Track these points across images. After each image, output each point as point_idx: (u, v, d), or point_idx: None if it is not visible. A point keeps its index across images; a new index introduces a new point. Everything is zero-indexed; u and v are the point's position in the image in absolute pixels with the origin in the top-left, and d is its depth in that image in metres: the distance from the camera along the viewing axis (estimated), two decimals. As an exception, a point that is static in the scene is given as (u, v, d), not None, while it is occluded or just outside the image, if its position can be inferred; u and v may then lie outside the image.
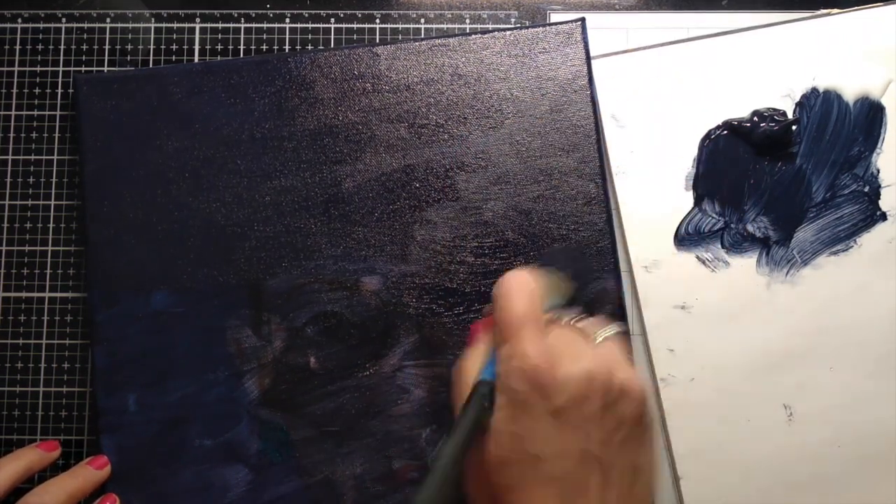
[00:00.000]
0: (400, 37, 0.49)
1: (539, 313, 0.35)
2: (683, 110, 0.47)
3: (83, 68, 0.49)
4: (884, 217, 0.46)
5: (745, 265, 0.46)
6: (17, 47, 0.50)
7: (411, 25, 0.49)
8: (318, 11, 0.50)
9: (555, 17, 0.49)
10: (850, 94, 0.47)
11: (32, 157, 0.49)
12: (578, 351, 0.34)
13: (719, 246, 0.46)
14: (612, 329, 0.37)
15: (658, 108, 0.47)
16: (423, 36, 0.49)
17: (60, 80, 0.49)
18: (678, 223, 0.47)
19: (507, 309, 0.35)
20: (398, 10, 0.50)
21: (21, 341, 0.48)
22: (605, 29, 0.48)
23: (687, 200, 0.47)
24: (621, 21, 0.49)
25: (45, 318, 0.48)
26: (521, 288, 0.36)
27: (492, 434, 0.33)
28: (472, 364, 0.36)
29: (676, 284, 0.46)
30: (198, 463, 0.45)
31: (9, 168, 0.49)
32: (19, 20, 0.50)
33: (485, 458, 0.33)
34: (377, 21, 0.49)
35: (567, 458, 0.32)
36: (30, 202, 0.49)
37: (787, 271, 0.46)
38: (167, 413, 0.45)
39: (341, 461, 0.44)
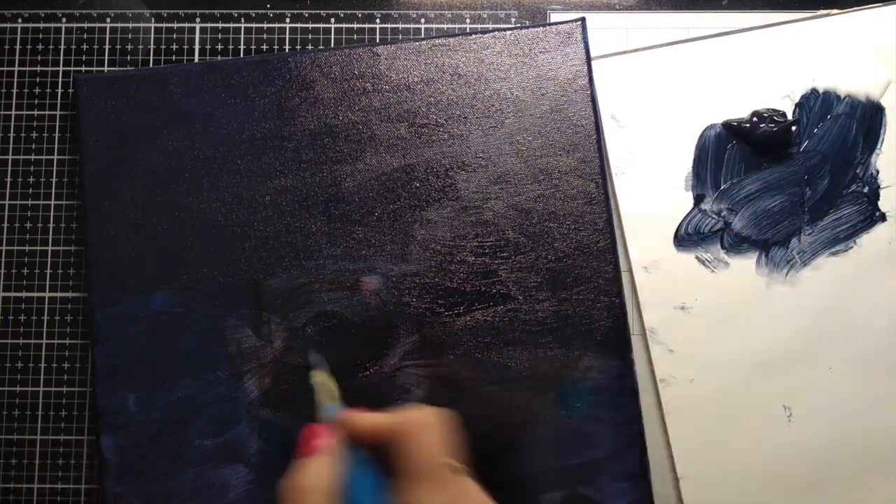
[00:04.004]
0: (400, 37, 0.49)
1: (445, 460, 0.34)
2: (683, 110, 0.47)
3: (83, 68, 0.49)
4: (883, 218, 0.46)
5: (744, 266, 0.46)
6: (17, 47, 0.50)
7: (411, 25, 0.50)
8: (318, 11, 0.50)
9: (555, 17, 0.49)
10: (849, 94, 0.47)
11: (32, 157, 0.49)
12: None
13: (719, 246, 0.46)
14: (459, 467, 0.36)
15: (658, 108, 0.47)
16: (423, 36, 0.49)
17: (60, 80, 0.49)
18: (678, 223, 0.47)
19: (420, 451, 0.33)
20: (398, 10, 0.50)
21: (21, 341, 0.48)
22: (605, 29, 0.48)
23: (687, 200, 0.47)
24: (621, 21, 0.49)
25: (45, 318, 0.48)
26: (311, 488, 0.32)
27: None
28: (314, 481, 0.32)
29: (676, 285, 0.46)
30: (198, 463, 0.44)
31: (9, 168, 0.49)
32: (19, 20, 0.50)
33: None
34: (377, 21, 0.50)
35: None
36: (30, 202, 0.49)
37: (787, 272, 0.46)
38: (167, 413, 0.45)
39: (341, 461, 0.44)
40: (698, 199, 0.47)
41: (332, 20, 0.49)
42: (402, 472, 0.33)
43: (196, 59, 0.49)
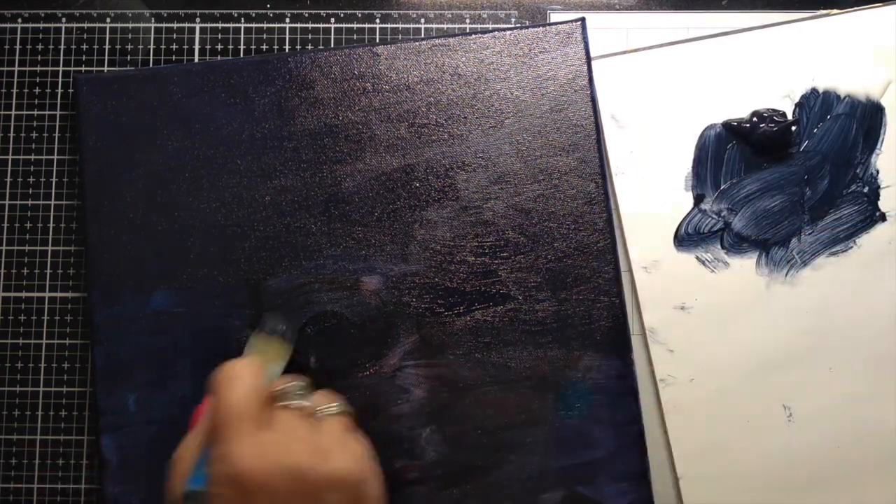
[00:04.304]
0: (400, 37, 0.49)
1: (255, 407, 0.35)
2: (683, 110, 0.47)
3: (83, 68, 0.49)
4: (883, 218, 0.46)
5: (744, 266, 0.46)
6: (17, 47, 0.50)
7: (411, 25, 0.50)
8: (318, 11, 0.50)
9: (555, 17, 0.49)
10: (849, 94, 0.47)
11: (32, 157, 0.49)
12: (288, 444, 0.35)
13: (719, 246, 0.46)
14: (334, 407, 0.38)
15: (658, 108, 0.47)
16: (423, 36, 0.49)
17: (60, 80, 0.49)
18: (678, 223, 0.47)
19: (220, 401, 0.35)
20: (398, 10, 0.50)
21: (21, 341, 0.48)
22: (605, 29, 0.48)
23: (687, 200, 0.47)
24: (621, 21, 0.49)
25: (45, 318, 0.48)
26: (237, 381, 0.36)
27: None
28: (187, 454, 0.36)
29: (676, 285, 0.46)
30: (198, 463, 0.45)
31: (9, 168, 0.49)
32: (19, 20, 0.50)
33: None
34: (377, 21, 0.50)
35: None
36: (30, 202, 0.49)
37: (787, 272, 0.46)
38: (167, 413, 0.45)
39: (341, 461, 0.44)
40: (698, 199, 0.47)
41: (332, 20, 0.49)
42: (212, 428, 0.35)
43: (196, 59, 0.49)
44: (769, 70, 0.47)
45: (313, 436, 0.36)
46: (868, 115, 0.47)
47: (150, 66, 0.49)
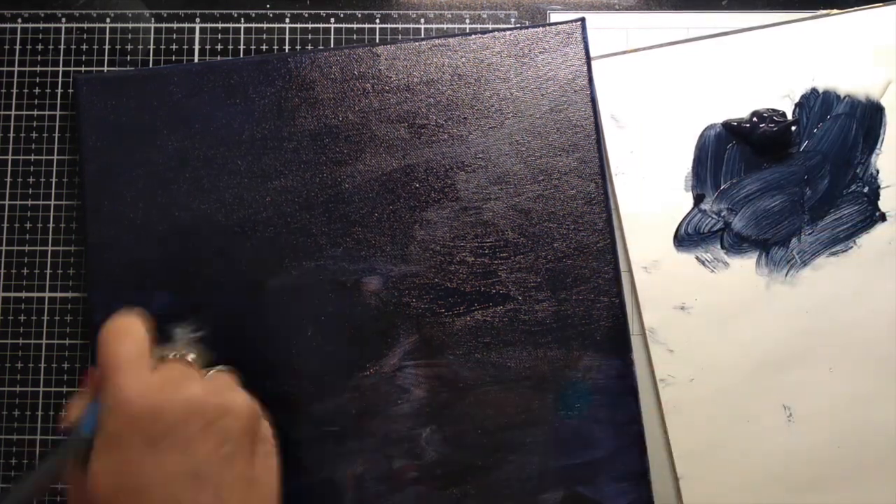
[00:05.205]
0: (400, 37, 0.49)
1: (142, 353, 0.36)
2: (683, 111, 0.47)
3: (83, 68, 0.49)
4: (883, 218, 0.46)
5: (744, 266, 0.46)
6: (17, 47, 0.50)
7: (411, 25, 0.50)
8: (318, 11, 0.50)
9: (555, 17, 0.49)
10: (849, 94, 0.47)
11: (32, 157, 0.49)
12: (179, 381, 0.35)
13: (719, 246, 0.46)
14: (221, 368, 0.39)
15: (658, 109, 0.47)
16: (423, 36, 0.49)
17: (60, 80, 0.49)
18: (678, 223, 0.47)
19: (108, 351, 0.36)
20: (398, 10, 0.50)
21: (21, 341, 0.48)
22: (605, 29, 0.48)
23: (687, 200, 0.47)
24: (621, 21, 0.49)
25: (45, 318, 0.48)
26: (124, 330, 0.37)
27: (92, 473, 0.33)
28: (77, 408, 0.36)
29: (676, 285, 0.46)
30: (198, 463, 0.44)
31: (9, 168, 0.49)
32: (19, 20, 0.50)
33: (91, 502, 0.33)
34: (377, 21, 0.50)
35: (172, 483, 0.33)
36: (30, 202, 0.49)
37: (787, 272, 0.46)
38: (167, 413, 0.45)
39: (341, 461, 0.44)
40: (698, 199, 0.47)
41: (332, 20, 0.49)
42: (101, 378, 0.36)
43: (196, 59, 0.49)
44: (769, 70, 0.47)
45: (204, 380, 0.36)
46: (868, 115, 0.47)
47: (150, 66, 0.49)
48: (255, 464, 0.36)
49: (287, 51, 0.49)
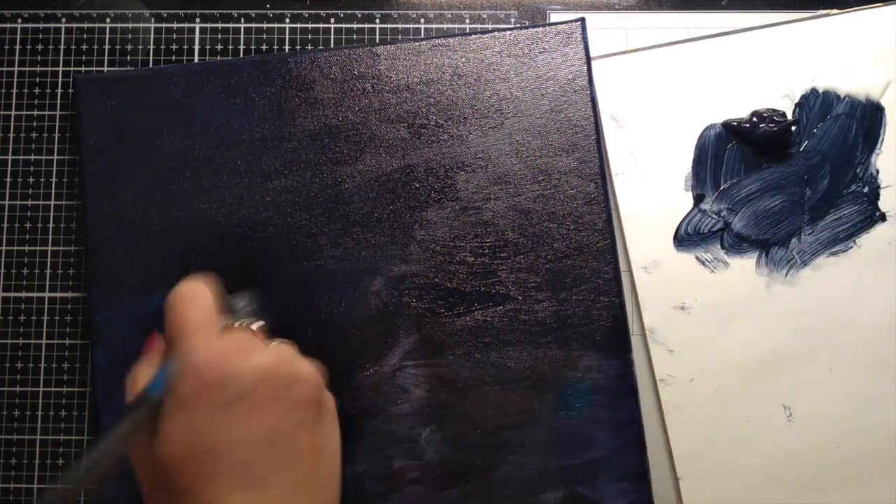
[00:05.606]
0: (400, 37, 0.49)
1: (211, 319, 0.36)
2: (683, 111, 0.47)
3: (83, 68, 0.49)
4: (883, 218, 0.46)
5: (744, 266, 0.46)
6: (17, 47, 0.50)
7: (411, 25, 0.50)
8: (318, 11, 0.50)
9: (555, 17, 0.49)
10: (849, 94, 0.47)
11: (32, 157, 0.49)
12: (248, 348, 0.35)
13: (719, 246, 0.46)
14: (281, 340, 0.39)
15: (658, 108, 0.47)
16: (423, 36, 0.49)
17: (60, 80, 0.49)
18: (678, 223, 0.47)
19: (177, 316, 0.36)
20: (398, 10, 0.50)
21: (21, 341, 0.48)
22: (605, 29, 0.48)
23: (687, 200, 0.47)
24: (621, 21, 0.49)
25: (45, 318, 0.48)
26: (193, 296, 0.37)
27: (162, 436, 0.34)
28: (144, 373, 0.37)
29: (676, 285, 0.46)
30: (198, 463, 0.44)
31: (9, 168, 0.49)
32: (19, 20, 0.50)
33: (159, 465, 0.34)
34: (377, 21, 0.50)
35: (242, 446, 0.33)
36: (30, 202, 0.49)
37: (787, 272, 0.46)
38: (167, 413, 0.45)
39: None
40: (698, 199, 0.47)
41: (332, 20, 0.49)
42: (170, 342, 0.36)
43: (196, 59, 0.49)
44: (769, 70, 0.47)
45: (270, 348, 0.37)
46: (868, 115, 0.47)
47: (150, 66, 0.49)
48: (320, 433, 0.36)
49: (287, 51, 0.49)
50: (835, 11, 0.48)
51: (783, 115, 0.47)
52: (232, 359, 0.34)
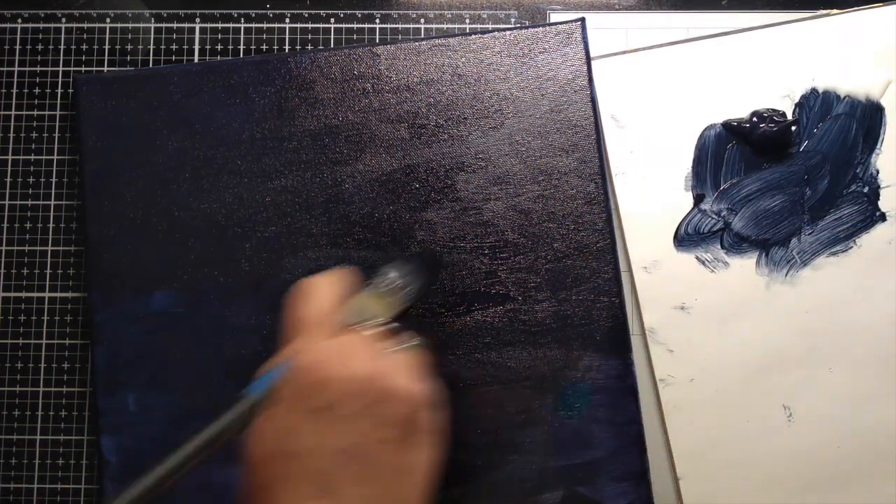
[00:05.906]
0: (400, 37, 0.49)
1: (327, 318, 0.36)
2: (683, 111, 0.47)
3: (83, 68, 0.49)
4: (883, 218, 0.46)
5: (744, 266, 0.46)
6: (17, 47, 0.50)
7: (411, 25, 0.50)
8: (318, 11, 0.50)
9: (555, 17, 0.49)
10: (849, 94, 0.47)
11: (32, 157, 0.49)
12: (351, 355, 0.35)
13: (719, 246, 0.46)
14: (410, 342, 0.38)
15: (658, 108, 0.47)
16: (423, 36, 0.49)
17: (60, 80, 0.49)
18: (678, 223, 0.47)
19: (292, 315, 0.37)
20: (398, 10, 0.50)
21: (21, 341, 0.48)
22: (605, 29, 0.48)
23: (687, 200, 0.47)
24: (621, 21, 0.49)
25: (45, 318, 0.48)
26: (312, 293, 0.37)
27: (253, 434, 0.34)
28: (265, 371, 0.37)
29: (676, 285, 0.46)
30: (198, 463, 0.45)
31: (9, 168, 0.49)
32: (19, 20, 0.50)
33: (246, 461, 0.34)
34: (377, 21, 0.50)
35: (323, 455, 0.33)
36: (30, 202, 0.49)
37: (787, 272, 0.46)
38: (167, 413, 0.45)
39: (341, 461, 0.44)
40: (698, 199, 0.47)
41: (332, 20, 0.49)
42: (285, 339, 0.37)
43: (196, 59, 0.49)
44: (769, 70, 0.47)
45: (382, 357, 0.36)
46: (868, 115, 0.47)
47: (150, 66, 0.49)
48: (408, 453, 0.35)
49: (287, 51, 0.49)
50: (835, 11, 0.48)
51: (783, 115, 0.47)
52: (330, 365, 0.34)
